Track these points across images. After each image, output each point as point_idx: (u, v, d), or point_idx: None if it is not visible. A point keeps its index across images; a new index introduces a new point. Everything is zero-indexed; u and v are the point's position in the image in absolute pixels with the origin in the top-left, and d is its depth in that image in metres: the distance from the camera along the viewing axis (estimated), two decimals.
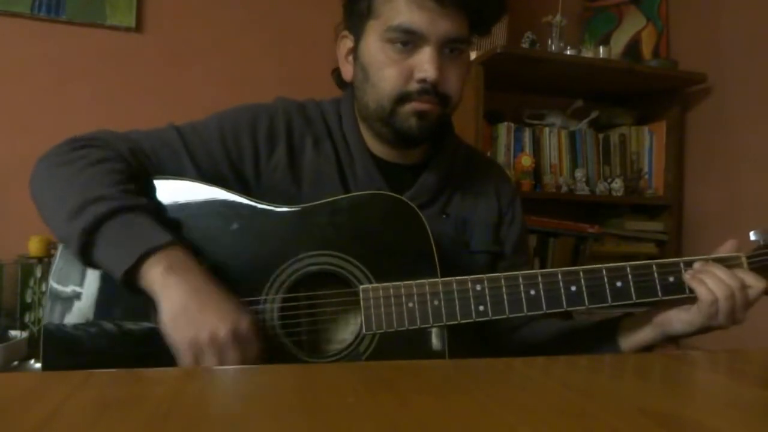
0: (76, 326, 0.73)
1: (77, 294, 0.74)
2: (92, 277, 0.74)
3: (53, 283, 0.74)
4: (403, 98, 0.80)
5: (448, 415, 0.41)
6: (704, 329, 0.77)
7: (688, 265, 0.77)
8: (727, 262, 0.77)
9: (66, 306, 0.73)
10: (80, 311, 0.73)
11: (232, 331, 0.64)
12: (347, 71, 0.88)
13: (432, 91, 0.80)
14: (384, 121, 0.83)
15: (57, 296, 0.73)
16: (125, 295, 0.70)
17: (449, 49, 0.80)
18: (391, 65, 0.79)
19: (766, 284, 0.75)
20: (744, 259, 0.78)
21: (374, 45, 0.81)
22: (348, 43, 0.87)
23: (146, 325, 0.72)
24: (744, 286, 0.74)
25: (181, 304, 0.65)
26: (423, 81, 0.79)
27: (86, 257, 0.69)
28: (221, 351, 0.65)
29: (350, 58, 0.87)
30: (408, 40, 0.78)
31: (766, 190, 1.73)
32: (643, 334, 0.82)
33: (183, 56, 1.78)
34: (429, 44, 0.78)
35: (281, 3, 1.87)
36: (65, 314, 0.73)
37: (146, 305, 0.69)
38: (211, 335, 0.64)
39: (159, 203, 0.76)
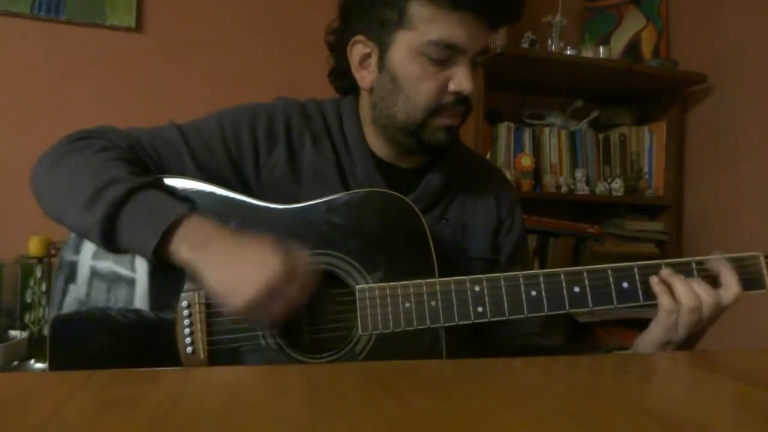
0: (86, 317, 0.73)
1: (90, 284, 0.74)
2: (104, 267, 0.74)
3: (63, 275, 0.74)
4: (435, 111, 0.80)
5: (448, 415, 0.41)
6: (664, 346, 0.74)
7: (701, 264, 0.74)
8: (744, 262, 0.74)
9: (77, 296, 0.73)
10: (91, 302, 0.73)
11: (267, 286, 0.65)
12: (364, 78, 0.85)
13: (464, 102, 0.81)
14: (410, 132, 0.82)
15: (67, 286, 0.74)
16: (134, 290, 0.73)
17: (475, 59, 0.81)
18: (429, 79, 0.79)
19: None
20: (762, 258, 0.74)
21: (408, 57, 0.79)
22: (362, 48, 0.84)
23: (159, 316, 0.73)
24: (718, 303, 0.71)
25: (217, 279, 0.67)
26: (458, 93, 0.79)
27: (110, 244, 0.70)
28: (267, 306, 0.66)
29: (366, 64, 0.85)
30: (447, 54, 0.78)
31: (766, 190, 1.73)
32: None
33: (183, 56, 1.78)
34: (465, 57, 0.78)
35: (281, 3, 1.87)
36: (76, 305, 0.73)
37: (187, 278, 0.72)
38: (253, 299, 0.65)
39: None
